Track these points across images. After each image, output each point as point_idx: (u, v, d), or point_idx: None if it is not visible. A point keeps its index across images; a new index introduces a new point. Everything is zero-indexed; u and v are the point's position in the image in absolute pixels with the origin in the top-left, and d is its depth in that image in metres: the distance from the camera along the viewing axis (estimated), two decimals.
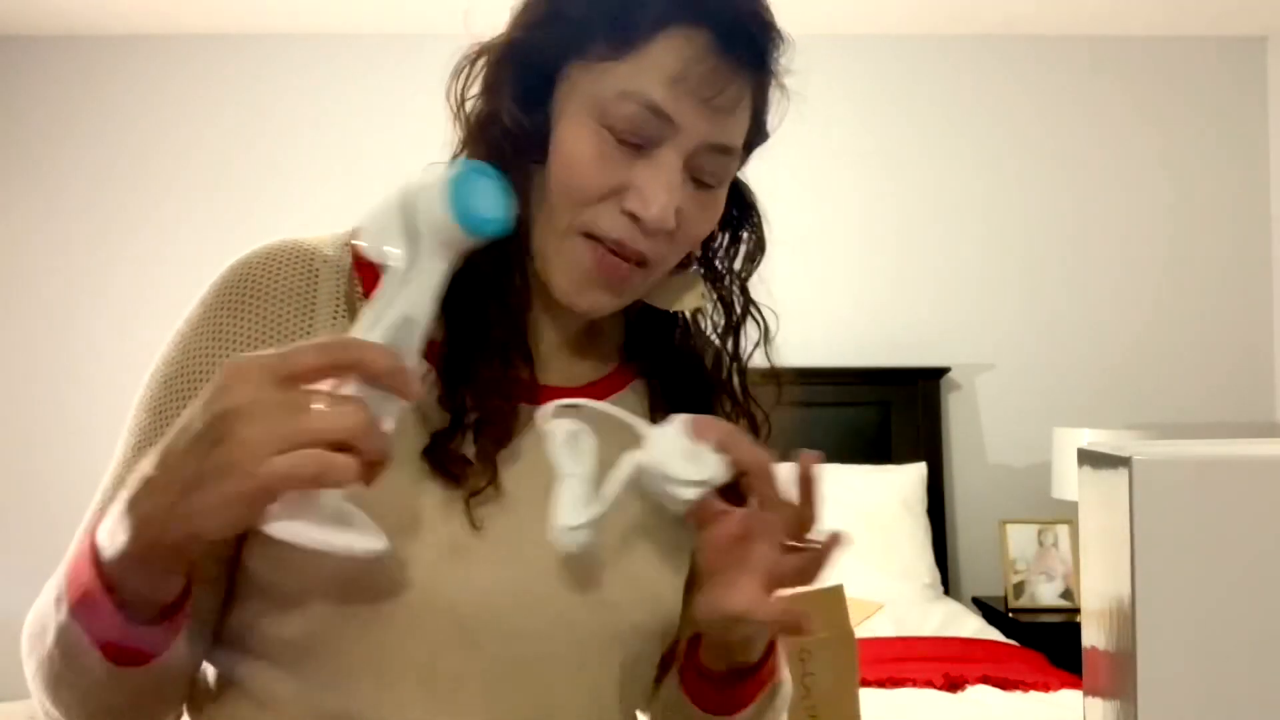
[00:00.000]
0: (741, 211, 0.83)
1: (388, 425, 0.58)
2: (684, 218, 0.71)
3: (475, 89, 0.74)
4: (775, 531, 0.68)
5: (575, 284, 0.72)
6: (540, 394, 0.75)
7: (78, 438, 3.39)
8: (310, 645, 0.68)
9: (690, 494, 0.67)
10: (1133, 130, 3.62)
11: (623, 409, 0.75)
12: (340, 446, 0.53)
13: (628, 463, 0.68)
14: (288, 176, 3.53)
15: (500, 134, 0.72)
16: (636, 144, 0.69)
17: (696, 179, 0.71)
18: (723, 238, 0.82)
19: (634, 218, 0.69)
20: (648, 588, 0.76)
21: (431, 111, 0.77)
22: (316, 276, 0.72)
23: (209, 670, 0.74)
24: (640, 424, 0.70)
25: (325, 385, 0.56)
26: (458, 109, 0.74)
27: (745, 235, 0.82)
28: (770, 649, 0.79)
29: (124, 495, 0.58)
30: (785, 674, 0.85)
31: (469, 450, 0.70)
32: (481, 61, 0.74)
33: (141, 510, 0.56)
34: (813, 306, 3.51)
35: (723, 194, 0.75)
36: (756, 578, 0.67)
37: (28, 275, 3.57)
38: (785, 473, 0.69)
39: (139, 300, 3.46)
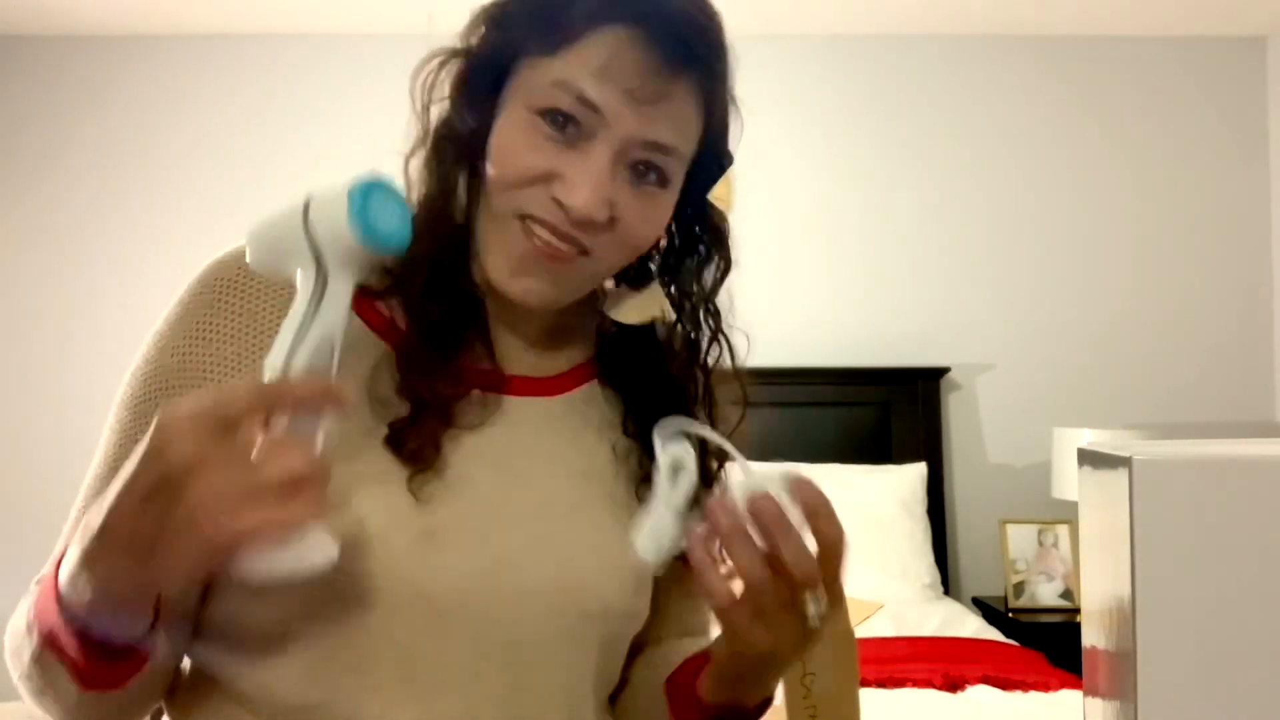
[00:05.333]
0: (709, 233, 0.83)
1: (320, 441, 0.60)
2: (622, 212, 0.72)
3: (436, 92, 0.76)
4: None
5: (510, 268, 0.73)
6: (506, 384, 0.77)
7: (75, 436, 3.39)
8: (286, 635, 0.69)
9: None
10: (1133, 130, 3.62)
11: (606, 404, 0.81)
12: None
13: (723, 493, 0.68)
14: (287, 176, 3.52)
15: (453, 135, 0.74)
16: (569, 136, 0.70)
17: (637, 171, 0.72)
18: (694, 259, 0.83)
19: (561, 206, 0.70)
20: (618, 570, 0.77)
21: (411, 128, 0.78)
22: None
23: (187, 666, 0.75)
24: (744, 462, 0.69)
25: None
26: (421, 110, 0.76)
27: (714, 258, 0.83)
28: (767, 702, 0.80)
29: (78, 547, 0.58)
30: None
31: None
32: (439, 65, 0.76)
33: (101, 569, 0.57)
34: (813, 306, 3.51)
35: (668, 196, 0.75)
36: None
37: (26, 275, 3.56)
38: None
39: (137, 299, 3.46)
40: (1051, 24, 3.55)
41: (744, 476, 0.67)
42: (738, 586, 0.65)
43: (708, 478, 0.75)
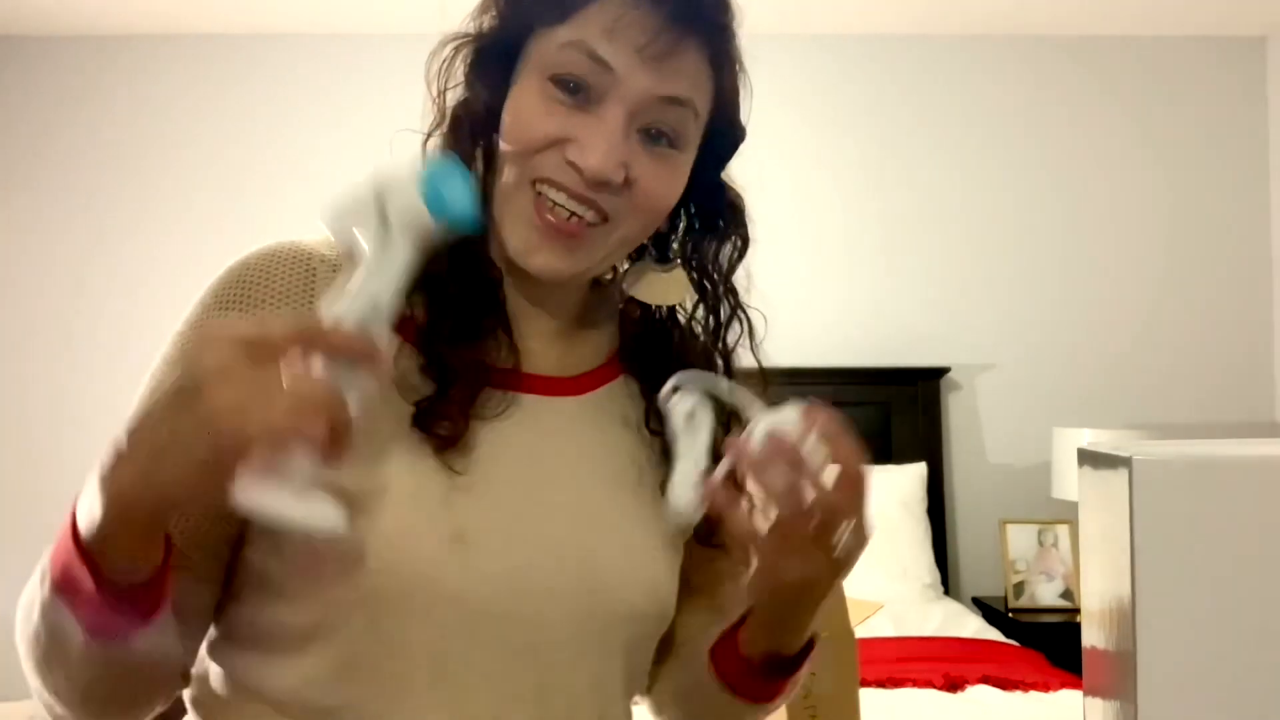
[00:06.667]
0: (727, 210, 0.83)
1: (353, 405, 0.60)
2: (638, 174, 0.72)
3: (450, 77, 0.76)
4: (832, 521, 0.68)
5: (525, 240, 0.73)
6: (524, 382, 0.77)
7: (77, 437, 3.39)
8: (315, 635, 0.68)
9: None
10: (1133, 130, 3.62)
11: (629, 402, 0.80)
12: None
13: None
14: (286, 176, 3.52)
15: (469, 114, 0.75)
16: (581, 99, 0.70)
17: (651, 135, 0.72)
18: (712, 237, 0.83)
19: (576, 168, 0.70)
20: (645, 572, 0.77)
21: (428, 112, 0.78)
22: (314, 277, 0.73)
23: (212, 670, 0.74)
24: (758, 404, 0.71)
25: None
26: (438, 96, 0.76)
27: (732, 235, 0.83)
28: (809, 646, 0.81)
29: (98, 467, 0.58)
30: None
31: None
32: (454, 49, 0.76)
33: (115, 480, 0.57)
34: (813, 307, 3.51)
35: (683, 159, 0.75)
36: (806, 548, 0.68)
37: (26, 275, 3.56)
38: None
39: (137, 299, 3.46)
40: (1053, 24, 3.55)
41: (760, 417, 0.68)
42: (761, 525, 0.67)
43: (726, 426, 0.76)
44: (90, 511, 0.59)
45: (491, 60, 0.75)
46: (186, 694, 0.76)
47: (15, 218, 3.58)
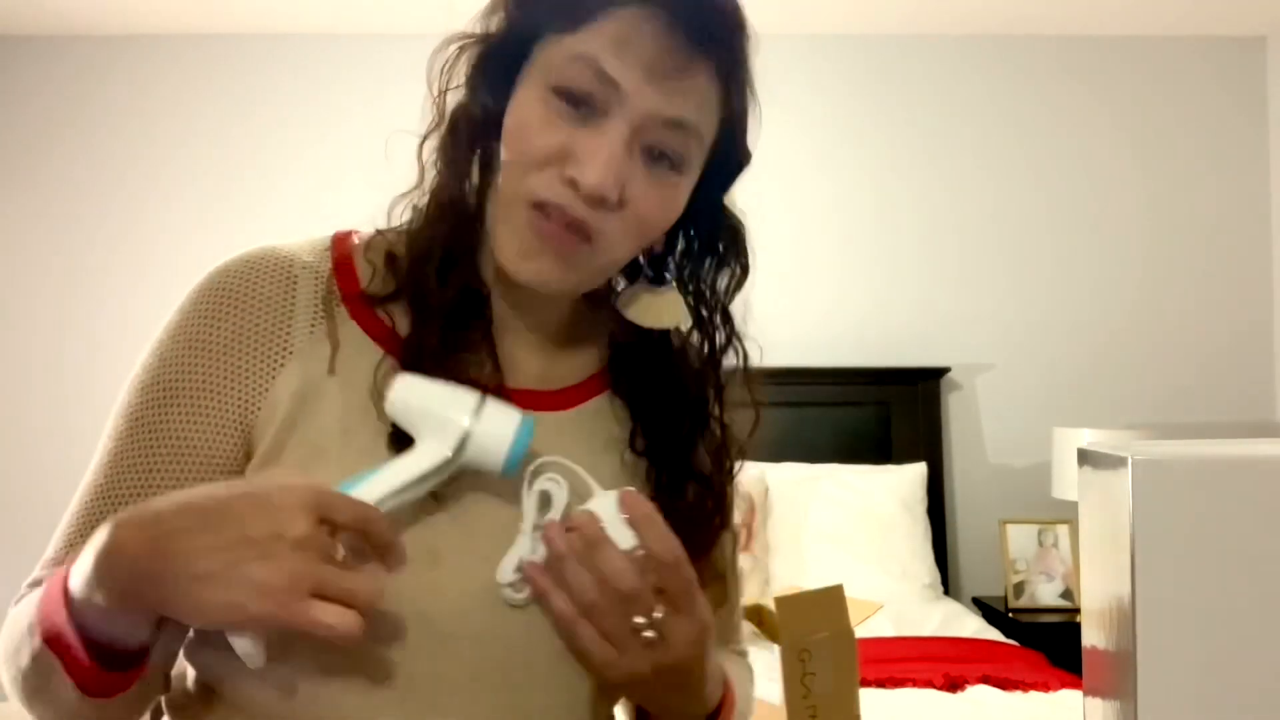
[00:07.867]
0: (727, 237, 0.82)
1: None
2: (634, 194, 0.70)
3: (452, 78, 0.75)
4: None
5: (518, 251, 0.71)
6: (507, 397, 0.75)
7: (73, 437, 3.39)
8: (288, 650, 0.68)
9: None
10: (1133, 130, 3.62)
11: (615, 418, 0.80)
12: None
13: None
14: (285, 176, 3.53)
15: (468, 119, 0.74)
16: (584, 111, 0.69)
17: (652, 155, 0.71)
18: (710, 262, 0.82)
19: (574, 185, 0.68)
20: None
21: (427, 112, 0.77)
22: (295, 284, 0.73)
23: (188, 672, 0.74)
24: (595, 486, 0.71)
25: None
26: (438, 96, 0.75)
27: (730, 262, 0.82)
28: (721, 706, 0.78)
29: (100, 544, 0.58)
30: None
31: None
32: (457, 50, 0.75)
33: (127, 572, 0.58)
34: (813, 307, 3.51)
35: (684, 182, 0.73)
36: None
37: (24, 275, 3.56)
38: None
39: (135, 299, 3.46)
40: (1053, 24, 3.55)
41: (595, 495, 0.70)
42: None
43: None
44: (89, 590, 0.59)
45: (496, 64, 0.73)
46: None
47: (14, 217, 3.58)
